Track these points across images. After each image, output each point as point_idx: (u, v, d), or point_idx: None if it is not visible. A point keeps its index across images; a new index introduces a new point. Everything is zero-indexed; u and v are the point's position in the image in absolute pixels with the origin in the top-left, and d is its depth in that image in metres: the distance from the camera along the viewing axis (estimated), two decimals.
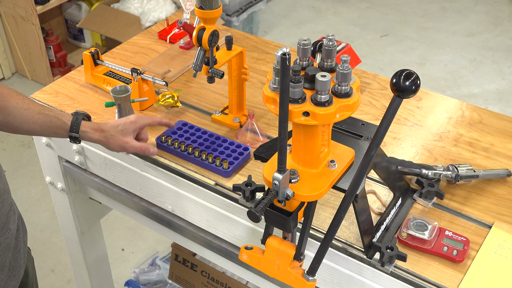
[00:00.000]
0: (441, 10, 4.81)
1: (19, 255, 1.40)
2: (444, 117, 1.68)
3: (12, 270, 1.38)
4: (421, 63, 4.14)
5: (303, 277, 1.15)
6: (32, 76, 3.91)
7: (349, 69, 0.99)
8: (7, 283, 1.37)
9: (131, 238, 2.86)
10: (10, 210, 1.36)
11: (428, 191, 1.37)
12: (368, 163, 1.01)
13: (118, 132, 1.40)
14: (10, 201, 1.37)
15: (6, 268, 1.35)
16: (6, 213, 1.33)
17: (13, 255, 1.38)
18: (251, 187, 1.24)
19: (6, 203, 1.34)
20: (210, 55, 1.45)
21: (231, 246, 1.53)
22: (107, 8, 3.83)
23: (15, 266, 1.39)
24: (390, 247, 1.20)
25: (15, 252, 1.38)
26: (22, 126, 1.34)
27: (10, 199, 1.38)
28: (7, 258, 1.35)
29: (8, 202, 1.35)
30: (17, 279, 1.41)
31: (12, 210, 1.38)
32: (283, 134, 0.99)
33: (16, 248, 1.39)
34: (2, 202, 1.32)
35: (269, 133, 1.60)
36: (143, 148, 1.43)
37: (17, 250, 1.40)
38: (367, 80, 1.82)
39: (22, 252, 1.42)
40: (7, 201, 1.34)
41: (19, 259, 1.41)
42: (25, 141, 3.41)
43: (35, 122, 1.34)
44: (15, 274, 1.40)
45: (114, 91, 1.57)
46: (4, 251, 1.33)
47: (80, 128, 1.37)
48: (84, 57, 1.77)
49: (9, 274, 1.37)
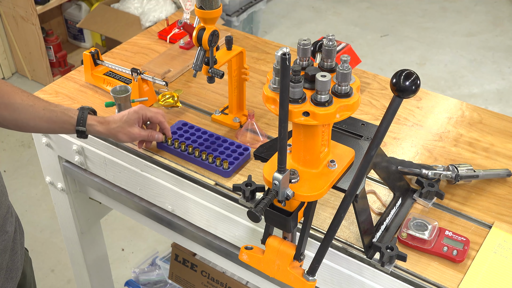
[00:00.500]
0: (441, 10, 4.81)
1: (16, 257, 1.40)
2: (444, 117, 1.68)
3: (10, 272, 1.38)
4: (421, 63, 4.14)
5: (303, 277, 1.15)
6: (32, 76, 3.91)
7: (349, 69, 0.99)
8: (4, 285, 1.37)
9: (131, 238, 2.86)
10: (7, 213, 1.36)
11: (428, 191, 1.37)
12: (368, 163, 1.01)
13: (124, 123, 1.41)
14: (7, 204, 1.37)
15: (3, 270, 1.35)
16: (3, 215, 1.33)
17: (10, 257, 1.37)
18: (251, 187, 1.24)
19: (4, 206, 1.34)
20: (210, 55, 1.45)
21: (231, 246, 1.53)
22: (107, 8, 3.83)
23: (12, 268, 1.39)
24: (390, 247, 1.20)
25: (12, 254, 1.38)
26: (28, 123, 1.34)
27: (8, 201, 1.37)
28: (4, 261, 1.35)
29: (6, 205, 1.35)
30: (14, 281, 1.41)
31: (10, 213, 1.38)
32: (283, 134, 0.99)
33: (13, 250, 1.38)
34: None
35: (269, 133, 1.60)
36: (149, 135, 1.46)
37: (14, 252, 1.39)
38: (367, 80, 1.82)
39: (19, 254, 1.42)
40: (4, 204, 1.34)
41: (16, 261, 1.41)
42: (25, 141, 3.41)
43: (41, 118, 1.34)
44: (12, 276, 1.39)
45: (114, 91, 1.57)
46: (1, 254, 1.33)
47: (87, 122, 1.37)
48: (84, 57, 1.77)
49: (6, 276, 1.37)
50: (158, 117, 1.48)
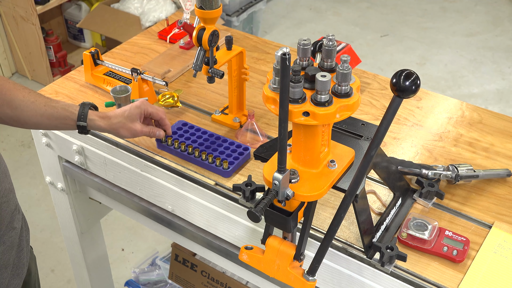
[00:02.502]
0: (441, 10, 4.81)
1: (22, 254, 1.41)
2: (444, 117, 1.68)
3: (16, 269, 1.39)
4: (421, 63, 4.14)
5: (303, 277, 1.15)
6: (32, 76, 3.91)
7: (349, 69, 0.99)
8: (11, 282, 1.37)
9: (131, 238, 2.86)
10: (15, 209, 1.37)
11: (428, 191, 1.37)
12: (368, 163, 1.01)
13: (125, 118, 1.40)
14: (15, 201, 1.38)
15: (10, 266, 1.35)
16: (11, 212, 1.34)
17: (16, 253, 1.38)
18: (251, 187, 1.24)
19: (12, 202, 1.34)
20: (210, 55, 1.45)
21: (231, 246, 1.53)
22: (107, 8, 3.83)
23: (18, 265, 1.39)
24: (390, 247, 1.20)
25: (18, 251, 1.39)
26: (30, 119, 1.34)
27: (15, 198, 1.38)
28: (11, 257, 1.35)
29: (14, 202, 1.36)
30: (20, 278, 1.41)
31: (17, 209, 1.39)
32: (283, 134, 0.99)
33: (19, 246, 1.39)
34: (7, 202, 1.32)
35: (269, 133, 1.60)
36: (150, 132, 1.45)
37: (21, 249, 1.40)
38: (367, 80, 1.82)
39: (25, 251, 1.43)
40: (12, 201, 1.35)
41: (22, 258, 1.41)
42: (25, 141, 3.41)
43: (42, 114, 1.34)
44: (18, 273, 1.40)
45: (114, 91, 1.57)
46: (8, 250, 1.34)
47: (88, 117, 1.37)
48: (84, 57, 1.77)
49: (13, 273, 1.38)
50: (159, 113, 1.47)
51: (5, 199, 1.32)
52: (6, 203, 1.32)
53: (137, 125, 1.42)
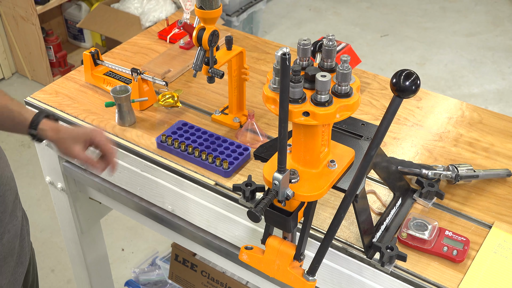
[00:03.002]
0: (441, 10, 4.81)
1: (24, 243, 1.42)
2: (444, 117, 1.68)
3: (19, 257, 1.40)
4: (421, 63, 4.14)
5: (303, 277, 1.15)
6: (32, 76, 3.91)
7: (349, 69, 0.99)
8: (16, 270, 1.38)
9: (131, 238, 2.86)
10: (16, 198, 1.38)
11: (428, 191, 1.37)
12: (368, 163, 1.01)
13: (69, 137, 1.35)
14: (16, 190, 1.38)
15: (15, 255, 1.36)
16: (13, 200, 1.35)
17: (19, 242, 1.39)
18: (251, 187, 1.24)
19: (13, 191, 1.35)
20: (210, 55, 1.45)
21: (231, 246, 1.53)
22: (107, 8, 3.83)
23: (21, 254, 1.41)
24: (390, 247, 1.20)
25: (21, 240, 1.40)
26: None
27: (16, 187, 1.39)
28: (16, 245, 1.36)
29: (15, 190, 1.37)
30: (23, 267, 1.42)
31: (18, 198, 1.40)
32: (283, 134, 0.99)
33: (21, 235, 1.40)
34: (10, 189, 1.32)
35: (269, 133, 1.60)
36: (87, 160, 1.36)
37: (22, 237, 1.41)
38: (367, 80, 1.82)
39: (26, 240, 1.44)
40: (13, 189, 1.36)
41: (25, 247, 1.43)
42: (25, 141, 3.41)
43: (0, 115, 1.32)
44: (22, 261, 1.41)
45: (114, 91, 1.57)
46: (13, 238, 1.34)
47: (39, 126, 1.34)
48: (84, 57, 1.77)
49: (17, 261, 1.38)
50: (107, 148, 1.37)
51: (8, 186, 1.32)
52: (9, 190, 1.32)
53: (76, 148, 1.34)
